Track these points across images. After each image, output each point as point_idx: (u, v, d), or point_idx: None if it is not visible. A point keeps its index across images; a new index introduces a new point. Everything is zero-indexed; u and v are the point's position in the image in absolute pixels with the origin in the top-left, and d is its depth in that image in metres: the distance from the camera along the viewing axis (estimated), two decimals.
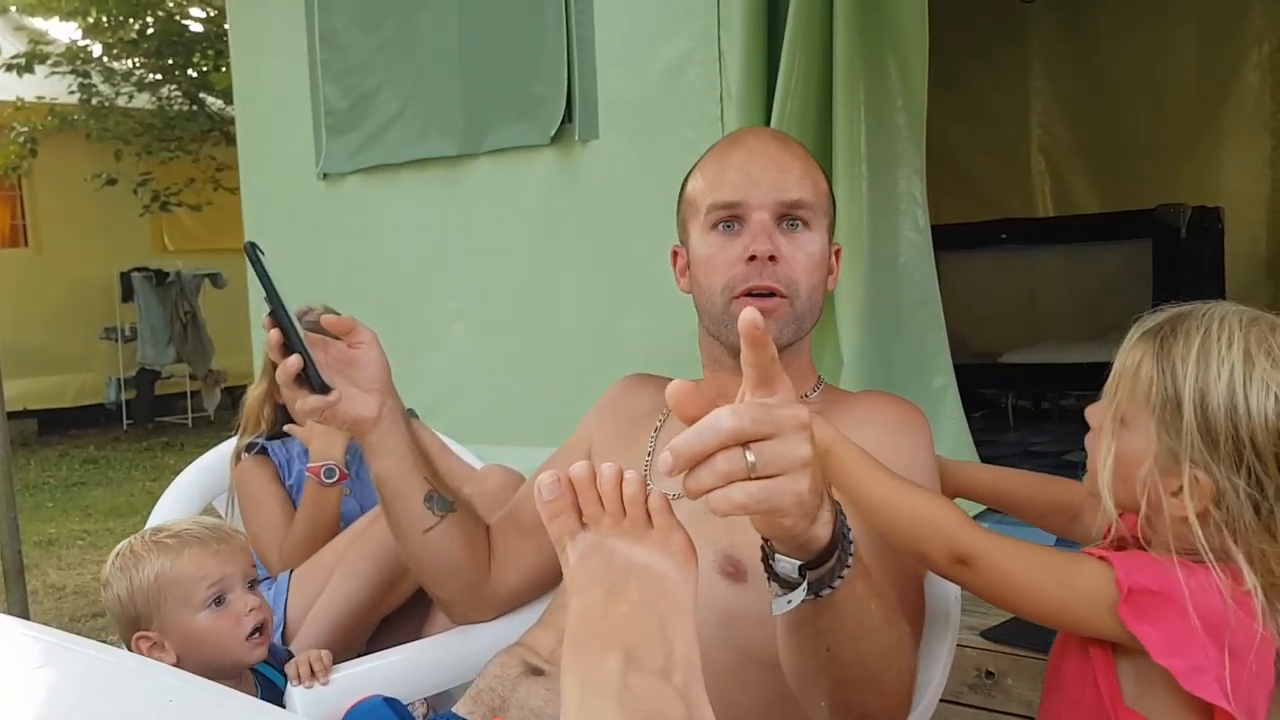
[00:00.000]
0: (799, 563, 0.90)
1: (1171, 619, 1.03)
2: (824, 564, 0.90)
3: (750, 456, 0.78)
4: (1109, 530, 1.16)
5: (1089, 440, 1.18)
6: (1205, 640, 1.02)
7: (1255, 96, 5.23)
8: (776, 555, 0.91)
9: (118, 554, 1.59)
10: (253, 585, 1.62)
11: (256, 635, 1.57)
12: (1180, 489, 1.05)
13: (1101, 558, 1.10)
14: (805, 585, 0.91)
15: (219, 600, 1.56)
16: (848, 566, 0.91)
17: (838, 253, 1.44)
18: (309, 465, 2.17)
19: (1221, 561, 1.05)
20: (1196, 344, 1.06)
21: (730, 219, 1.35)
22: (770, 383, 0.81)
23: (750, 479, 0.78)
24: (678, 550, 0.88)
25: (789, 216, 1.34)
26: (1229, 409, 1.03)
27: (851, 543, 0.92)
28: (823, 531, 0.88)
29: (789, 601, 0.92)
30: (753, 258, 1.31)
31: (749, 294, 1.32)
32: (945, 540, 1.13)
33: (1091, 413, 1.19)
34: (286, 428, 2.26)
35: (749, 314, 0.79)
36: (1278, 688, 1.09)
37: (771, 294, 1.32)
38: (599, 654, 0.80)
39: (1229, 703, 1.01)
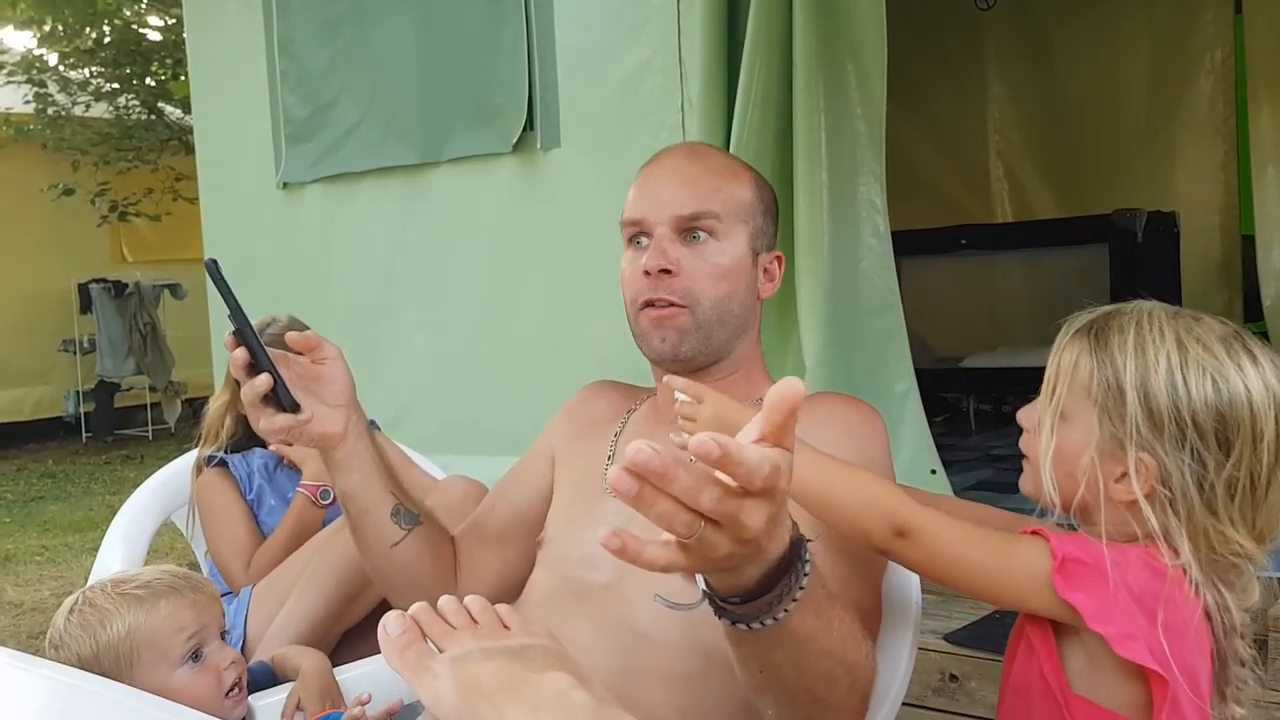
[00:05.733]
0: (704, 589, 0.90)
1: (1101, 587, 1.07)
2: (748, 602, 0.89)
3: (699, 527, 0.76)
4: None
5: (1024, 442, 1.23)
6: (1135, 610, 1.06)
7: (1208, 102, 5.31)
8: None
9: (73, 609, 1.44)
10: (223, 635, 1.53)
11: (235, 691, 1.49)
12: (1124, 474, 1.10)
13: (1035, 533, 1.14)
14: (698, 604, 0.90)
15: (195, 655, 1.46)
16: (774, 618, 0.90)
17: (779, 259, 1.45)
18: (303, 483, 2.16)
19: (1161, 540, 1.09)
20: (1131, 337, 1.12)
21: (638, 234, 1.39)
22: (781, 437, 0.78)
23: (679, 542, 0.77)
24: (542, 632, 0.86)
25: (691, 229, 1.36)
26: (1170, 392, 1.09)
27: (792, 599, 0.90)
28: (746, 582, 0.87)
29: (670, 604, 0.91)
30: (647, 273, 1.35)
31: (649, 305, 1.35)
32: (884, 514, 1.14)
33: (1024, 415, 1.24)
34: (273, 448, 2.23)
35: (791, 383, 0.76)
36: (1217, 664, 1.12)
37: (670, 305, 1.35)
38: (537, 682, 0.78)
39: (1161, 667, 1.04)
